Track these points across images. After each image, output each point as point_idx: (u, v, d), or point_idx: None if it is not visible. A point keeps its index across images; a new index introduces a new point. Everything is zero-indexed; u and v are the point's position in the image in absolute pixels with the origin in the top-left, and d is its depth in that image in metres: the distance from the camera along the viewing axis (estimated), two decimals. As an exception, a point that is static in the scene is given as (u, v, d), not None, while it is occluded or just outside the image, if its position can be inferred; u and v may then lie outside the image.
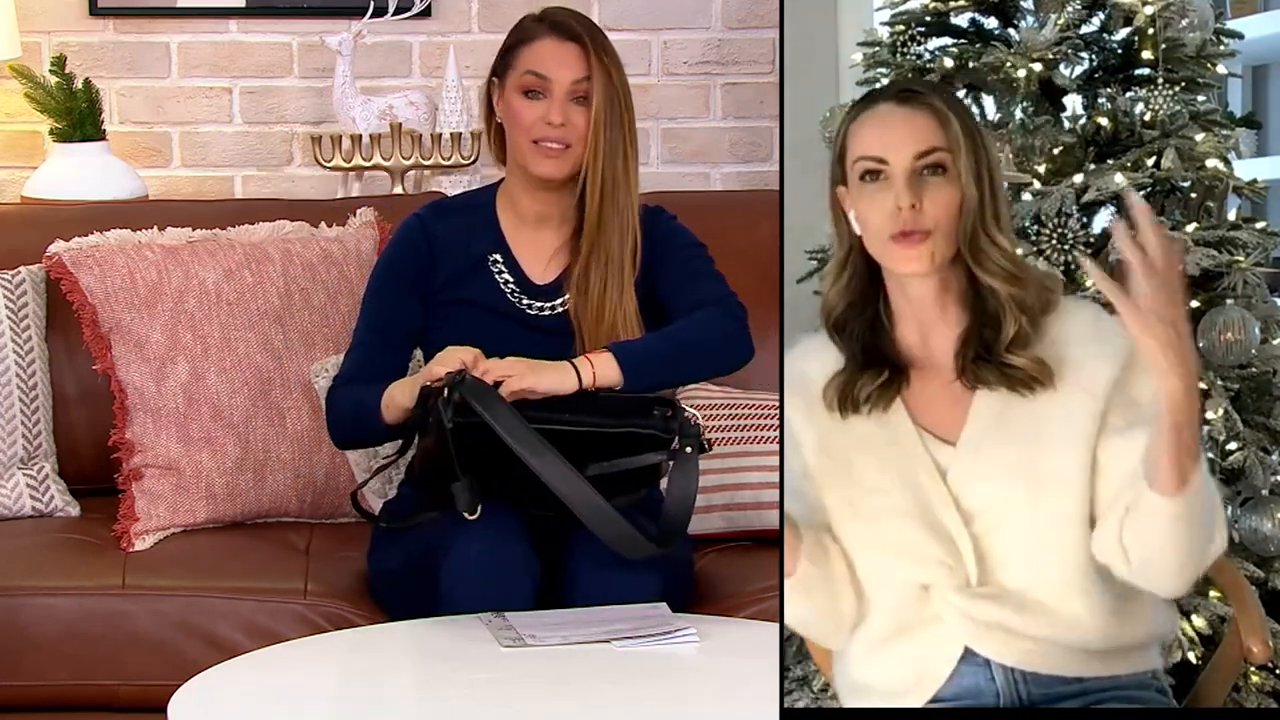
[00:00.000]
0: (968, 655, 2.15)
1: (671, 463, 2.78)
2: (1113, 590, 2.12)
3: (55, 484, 3.36)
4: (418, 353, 3.06)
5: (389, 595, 2.97)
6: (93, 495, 3.37)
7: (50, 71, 3.94)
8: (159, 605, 3.00)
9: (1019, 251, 2.22)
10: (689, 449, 2.77)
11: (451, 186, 3.99)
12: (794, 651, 2.99)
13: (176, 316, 3.31)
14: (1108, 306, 2.05)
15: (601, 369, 2.80)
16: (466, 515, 2.73)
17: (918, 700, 2.16)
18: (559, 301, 3.00)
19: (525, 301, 3.00)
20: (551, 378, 2.77)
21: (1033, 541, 2.12)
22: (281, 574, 3.08)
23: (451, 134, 3.94)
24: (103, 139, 3.96)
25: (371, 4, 3.99)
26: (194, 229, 3.46)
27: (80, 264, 3.34)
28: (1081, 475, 2.12)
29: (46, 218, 3.62)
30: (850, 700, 2.23)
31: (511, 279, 3.01)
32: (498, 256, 3.02)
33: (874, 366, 2.19)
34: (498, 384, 2.73)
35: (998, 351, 2.13)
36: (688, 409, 2.83)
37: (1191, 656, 2.99)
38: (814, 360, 2.24)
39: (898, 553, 2.15)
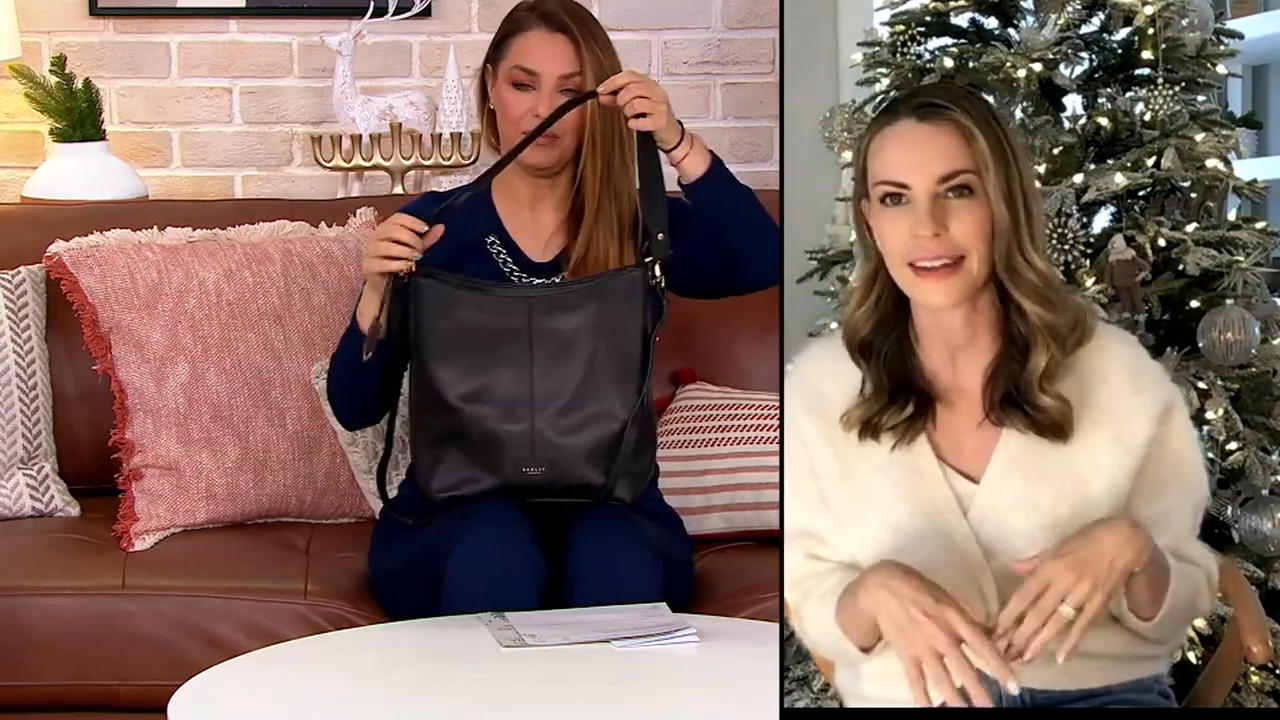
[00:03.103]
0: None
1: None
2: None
3: (55, 484, 3.36)
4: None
5: (389, 595, 2.97)
6: (93, 495, 3.37)
7: (50, 71, 3.94)
8: (159, 605, 3.00)
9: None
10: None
11: (451, 186, 3.98)
12: (794, 651, 2.99)
13: (176, 316, 3.31)
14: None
15: (700, 149, 2.88)
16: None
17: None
18: (558, 279, 2.99)
19: (525, 280, 3.00)
20: (672, 124, 2.86)
21: None
22: (281, 574, 3.08)
23: (451, 134, 3.94)
24: (103, 139, 3.96)
25: (371, 4, 3.99)
26: (194, 229, 3.46)
27: (80, 264, 3.34)
28: None
29: (46, 218, 3.61)
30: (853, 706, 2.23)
31: (510, 258, 3.01)
32: (494, 238, 3.03)
33: (900, 397, 2.12)
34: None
35: (1026, 387, 2.07)
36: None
37: (1191, 656, 2.99)
38: (829, 379, 2.17)
39: None
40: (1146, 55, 3.27)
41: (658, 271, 2.83)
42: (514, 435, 2.80)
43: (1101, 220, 3.29)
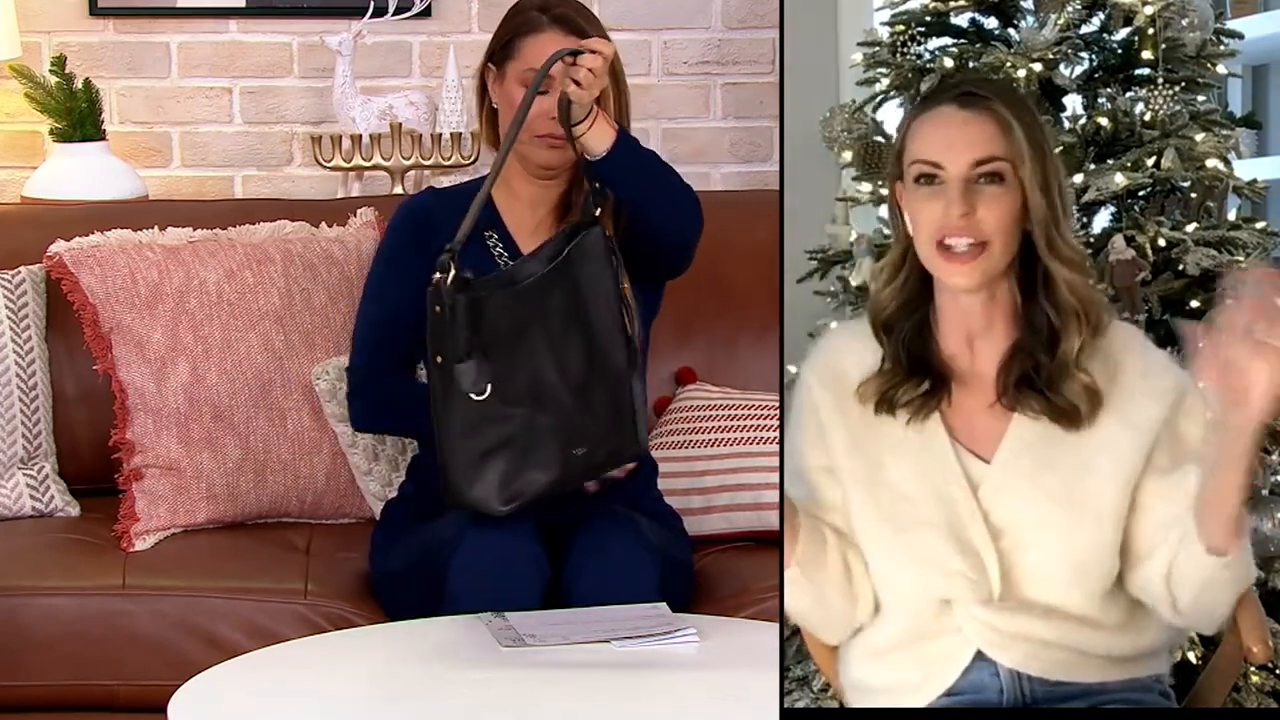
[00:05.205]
0: (976, 655, 2.15)
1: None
2: (1133, 604, 2.15)
3: (55, 484, 3.36)
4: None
5: (389, 595, 2.97)
6: (93, 495, 3.37)
7: (50, 71, 3.94)
8: (159, 605, 3.00)
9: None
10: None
11: (450, 184, 3.98)
12: (794, 651, 2.99)
13: (177, 317, 3.31)
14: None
15: (602, 124, 2.82)
16: (474, 397, 2.72)
17: (922, 700, 2.16)
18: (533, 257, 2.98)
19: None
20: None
21: (1062, 564, 2.12)
22: (281, 574, 3.08)
23: (451, 134, 3.94)
24: (103, 139, 3.96)
25: (371, 4, 3.99)
26: (195, 229, 3.46)
27: (81, 264, 3.34)
28: (1120, 509, 2.12)
29: (46, 218, 3.61)
30: (852, 699, 2.24)
31: (505, 252, 3.02)
32: (493, 233, 3.03)
33: (917, 374, 2.16)
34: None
35: (1056, 372, 2.10)
36: None
37: (1191, 656, 2.99)
38: (849, 356, 2.21)
39: (921, 562, 2.14)
40: (1146, 55, 3.27)
41: (604, 220, 2.80)
42: (552, 426, 2.77)
43: (1101, 220, 3.30)
